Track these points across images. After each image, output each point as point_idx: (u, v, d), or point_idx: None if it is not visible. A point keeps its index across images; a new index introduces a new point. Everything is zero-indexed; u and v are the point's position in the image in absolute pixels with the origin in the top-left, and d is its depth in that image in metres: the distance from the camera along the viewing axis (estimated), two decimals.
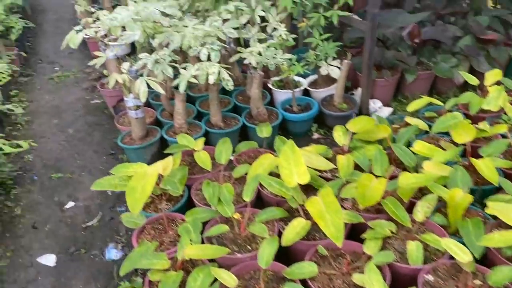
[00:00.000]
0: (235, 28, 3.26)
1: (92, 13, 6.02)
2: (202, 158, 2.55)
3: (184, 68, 3.08)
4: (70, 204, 2.97)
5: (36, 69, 5.43)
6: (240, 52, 3.47)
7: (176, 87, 3.02)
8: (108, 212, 2.87)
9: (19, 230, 2.75)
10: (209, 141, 3.24)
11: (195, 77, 3.00)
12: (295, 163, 2.07)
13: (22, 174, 3.26)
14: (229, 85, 3.03)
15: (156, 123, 3.48)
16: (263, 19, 3.45)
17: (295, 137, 3.47)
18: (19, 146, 2.88)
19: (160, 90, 2.91)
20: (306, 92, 3.73)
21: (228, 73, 3.03)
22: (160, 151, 3.23)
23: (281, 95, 3.62)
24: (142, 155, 3.13)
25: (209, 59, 3.00)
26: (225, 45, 3.35)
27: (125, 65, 3.19)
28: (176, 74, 3.06)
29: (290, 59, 3.27)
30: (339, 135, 2.65)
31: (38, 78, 5.16)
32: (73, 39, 3.44)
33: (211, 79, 2.97)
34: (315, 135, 3.49)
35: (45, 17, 7.26)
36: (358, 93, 3.68)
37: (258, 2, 3.59)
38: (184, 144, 2.70)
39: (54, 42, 6.15)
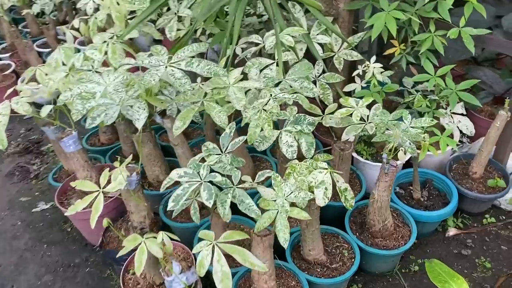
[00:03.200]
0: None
1: None
2: None
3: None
4: None
5: None
6: (316, 115, 2.01)
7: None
8: None
9: None
10: None
11: (293, 204, 1.52)
12: None
13: None
14: (350, 201, 1.61)
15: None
16: None
17: (419, 238, 2.15)
18: None
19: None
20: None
21: (336, 172, 1.61)
22: None
23: (378, 171, 2.23)
24: None
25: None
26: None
27: (120, 176, 1.61)
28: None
29: (422, 127, 1.87)
30: None
31: None
32: None
33: (320, 198, 1.54)
34: (451, 231, 2.18)
35: None
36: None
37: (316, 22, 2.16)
38: None
39: None
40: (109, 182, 1.60)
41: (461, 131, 2.21)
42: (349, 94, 2.23)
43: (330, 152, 1.97)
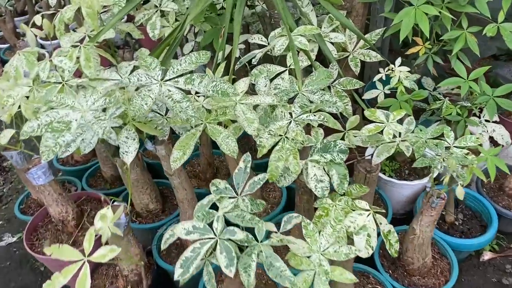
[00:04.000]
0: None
1: None
2: None
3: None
4: None
5: None
6: (336, 130, 1.70)
7: None
8: None
9: None
10: None
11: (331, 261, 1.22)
12: None
13: None
14: (395, 245, 1.33)
15: None
16: None
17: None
18: None
19: None
20: None
21: (377, 211, 1.32)
22: None
23: (404, 189, 1.96)
24: None
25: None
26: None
27: (110, 215, 1.28)
28: None
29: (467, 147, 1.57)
30: None
31: None
32: None
33: (362, 248, 1.26)
34: (486, 255, 1.94)
35: None
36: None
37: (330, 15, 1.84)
38: None
39: None
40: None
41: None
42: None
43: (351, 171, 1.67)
